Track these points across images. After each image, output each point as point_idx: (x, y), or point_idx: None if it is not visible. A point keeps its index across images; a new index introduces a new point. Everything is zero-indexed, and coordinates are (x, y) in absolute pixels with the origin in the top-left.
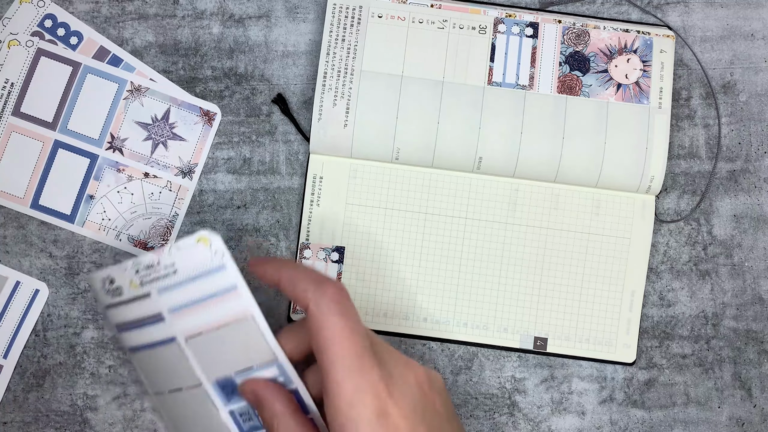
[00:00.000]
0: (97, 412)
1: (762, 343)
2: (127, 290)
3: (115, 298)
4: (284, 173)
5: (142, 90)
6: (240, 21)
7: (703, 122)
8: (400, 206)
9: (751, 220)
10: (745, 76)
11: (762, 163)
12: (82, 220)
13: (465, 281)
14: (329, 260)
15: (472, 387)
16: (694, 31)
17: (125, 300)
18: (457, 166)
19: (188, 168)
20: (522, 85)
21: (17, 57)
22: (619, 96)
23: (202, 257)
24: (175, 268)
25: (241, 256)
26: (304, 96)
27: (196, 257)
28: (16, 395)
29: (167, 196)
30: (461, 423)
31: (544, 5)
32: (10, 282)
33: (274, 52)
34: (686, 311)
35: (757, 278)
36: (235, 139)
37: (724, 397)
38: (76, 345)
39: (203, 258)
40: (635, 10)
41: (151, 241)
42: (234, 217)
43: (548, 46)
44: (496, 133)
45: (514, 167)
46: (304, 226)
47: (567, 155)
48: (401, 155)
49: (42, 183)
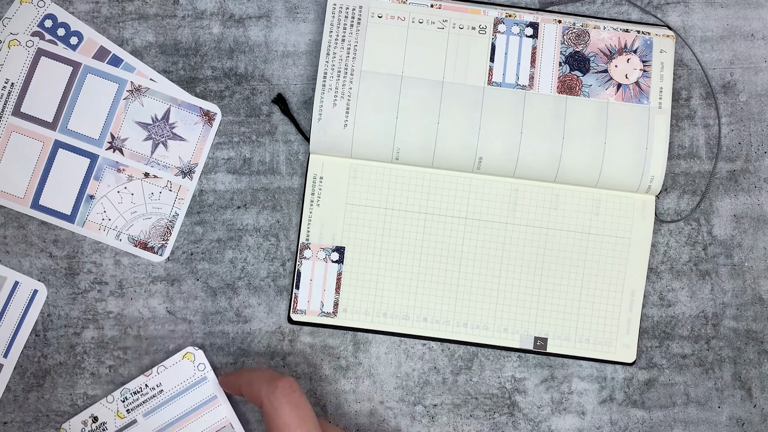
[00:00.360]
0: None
1: (762, 343)
2: (112, 424)
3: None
4: (284, 173)
5: (142, 90)
6: (240, 21)
7: (703, 122)
8: (400, 206)
9: (751, 220)
10: (745, 76)
11: (762, 163)
12: (83, 220)
13: (465, 281)
14: (329, 260)
15: (472, 387)
16: (694, 31)
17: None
18: (457, 166)
19: (188, 168)
20: (522, 85)
21: (17, 57)
22: (619, 96)
23: (186, 372)
24: (161, 388)
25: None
26: (304, 96)
27: (180, 373)
28: (16, 395)
29: (167, 196)
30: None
31: (544, 5)
32: (9, 282)
33: (274, 52)
34: (686, 311)
35: (757, 278)
36: (235, 139)
37: (724, 397)
38: (76, 345)
39: (187, 373)
40: (635, 10)
41: (151, 241)
42: (234, 217)
43: (548, 46)
44: (496, 133)
45: (514, 167)
46: (304, 226)
47: (567, 155)
48: (401, 155)
49: (42, 183)
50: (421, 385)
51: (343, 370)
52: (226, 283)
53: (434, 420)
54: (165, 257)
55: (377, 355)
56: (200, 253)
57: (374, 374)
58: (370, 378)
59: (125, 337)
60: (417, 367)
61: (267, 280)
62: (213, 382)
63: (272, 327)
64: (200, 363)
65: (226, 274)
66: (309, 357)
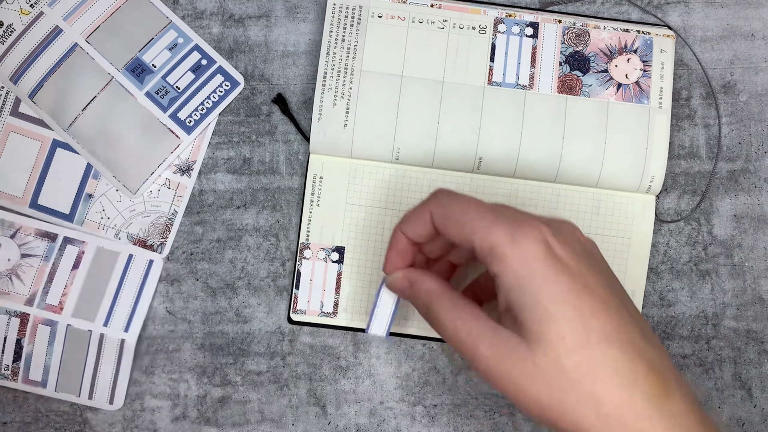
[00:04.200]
0: (97, 412)
1: (762, 343)
2: (18, 22)
3: (8, 40)
4: (284, 173)
5: None
6: (240, 21)
7: (703, 122)
8: (400, 206)
9: (751, 220)
10: (745, 76)
11: (762, 163)
12: (81, 218)
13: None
14: (329, 260)
15: (472, 387)
16: (695, 31)
17: (22, 31)
18: (457, 166)
19: (186, 165)
20: (522, 85)
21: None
22: (619, 96)
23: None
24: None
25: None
26: (304, 96)
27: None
28: (16, 395)
29: (166, 193)
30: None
31: (544, 5)
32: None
33: (274, 52)
34: (686, 311)
35: (757, 278)
36: (235, 139)
37: (724, 397)
38: None
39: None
40: (635, 9)
41: (151, 239)
42: (234, 217)
43: (548, 46)
44: (496, 133)
45: (514, 167)
46: (304, 226)
47: (567, 155)
48: (401, 155)
49: (41, 182)
50: (421, 385)
51: (343, 370)
52: (226, 283)
53: (434, 420)
54: (164, 255)
55: (377, 355)
56: (200, 253)
57: (374, 374)
58: (370, 378)
59: None
60: (417, 367)
61: (267, 280)
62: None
63: (272, 327)
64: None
65: (226, 274)
66: (309, 357)
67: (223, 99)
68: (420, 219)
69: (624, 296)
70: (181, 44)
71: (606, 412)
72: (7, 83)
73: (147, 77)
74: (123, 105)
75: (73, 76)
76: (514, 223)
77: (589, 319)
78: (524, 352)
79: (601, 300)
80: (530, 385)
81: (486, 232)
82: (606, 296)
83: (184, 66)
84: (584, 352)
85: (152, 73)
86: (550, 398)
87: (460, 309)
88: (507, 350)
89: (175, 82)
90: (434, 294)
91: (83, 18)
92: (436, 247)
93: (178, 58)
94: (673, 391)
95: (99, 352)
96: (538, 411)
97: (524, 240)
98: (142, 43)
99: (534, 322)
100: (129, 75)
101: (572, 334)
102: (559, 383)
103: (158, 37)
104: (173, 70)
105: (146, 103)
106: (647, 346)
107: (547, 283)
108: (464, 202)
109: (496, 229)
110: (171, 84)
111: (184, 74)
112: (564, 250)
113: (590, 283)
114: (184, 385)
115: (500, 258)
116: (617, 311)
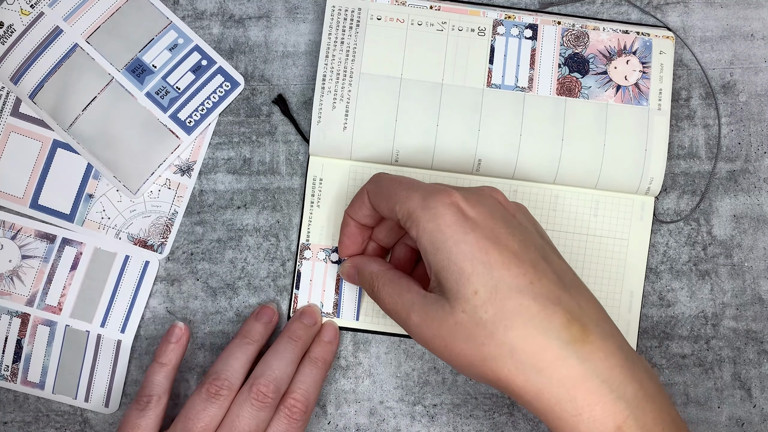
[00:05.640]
0: (97, 412)
1: (762, 343)
2: (19, 23)
3: (8, 41)
4: (284, 173)
5: None
6: (240, 21)
7: (702, 122)
8: None
9: (751, 220)
10: (745, 76)
11: (762, 163)
12: (82, 219)
13: None
14: (329, 261)
15: (472, 387)
16: (694, 31)
17: (22, 31)
18: (456, 167)
19: (186, 166)
20: (521, 87)
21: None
22: (618, 98)
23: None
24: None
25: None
26: (304, 96)
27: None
28: (17, 395)
29: (166, 194)
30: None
31: (543, 5)
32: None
33: (274, 52)
34: (686, 311)
35: (757, 278)
36: (235, 140)
37: (724, 397)
38: None
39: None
40: (635, 10)
41: (151, 239)
42: (234, 217)
43: (547, 48)
44: (496, 135)
45: (514, 169)
46: (304, 228)
47: (566, 157)
48: (401, 157)
49: (41, 183)
50: (421, 384)
51: (343, 370)
52: (226, 283)
53: (434, 420)
54: (165, 255)
55: (377, 355)
56: (200, 253)
57: (374, 374)
58: (370, 378)
59: None
60: (417, 367)
61: (267, 280)
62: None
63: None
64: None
65: (226, 274)
66: None
67: (224, 99)
68: (360, 199)
69: (545, 250)
70: (181, 45)
71: (521, 359)
72: (8, 83)
73: (147, 77)
74: (123, 105)
75: (74, 77)
76: (429, 190)
77: (499, 271)
78: (448, 311)
79: (512, 253)
80: (454, 341)
81: (405, 201)
82: (518, 249)
83: (185, 66)
84: (497, 303)
85: (152, 73)
86: (473, 351)
87: (396, 283)
88: (434, 313)
89: (176, 82)
90: (375, 275)
91: (83, 18)
92: (384, 234)
93: (179, 59)
94: (593, 337)
95: (96, 354)
96: (466, 365)
97: (435, 204)
98: (143, 43)
99: (451, 281)
100: (129, 75)
101: (483, 287)
102: (478, 335)
103: (158, 38)
104: (173, 71)
105: (146, 104)
106: (565, 295)
107: (458, 242)
108: (394, 179)
109: (413, 197)
110: (171, 84)
111: (185, 75)
112: (474, 210)
113: (501, 238)
114: (184, 384)
115: (416, 222)
116: (532, 263)
